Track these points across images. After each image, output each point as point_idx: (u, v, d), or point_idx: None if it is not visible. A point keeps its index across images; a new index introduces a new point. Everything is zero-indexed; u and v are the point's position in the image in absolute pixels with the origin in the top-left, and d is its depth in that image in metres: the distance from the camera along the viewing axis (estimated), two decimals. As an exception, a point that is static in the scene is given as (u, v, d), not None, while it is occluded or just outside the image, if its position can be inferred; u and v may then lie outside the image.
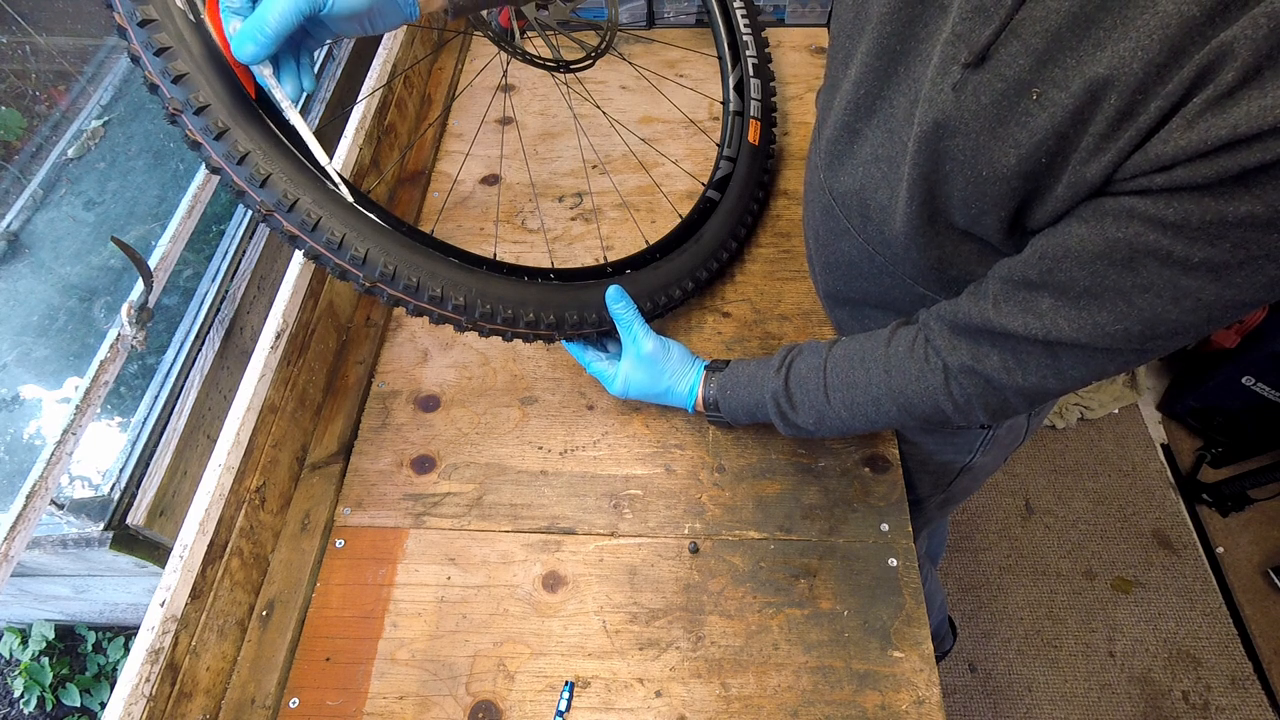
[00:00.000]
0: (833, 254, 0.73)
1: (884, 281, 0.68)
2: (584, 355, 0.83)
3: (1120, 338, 0.49)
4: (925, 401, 0.62)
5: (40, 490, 0.71)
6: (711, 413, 0.78)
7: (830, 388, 0.67)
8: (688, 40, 1.28)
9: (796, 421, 0.70)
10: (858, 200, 0.64)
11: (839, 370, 0.67)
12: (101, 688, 1.55)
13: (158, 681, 0.63)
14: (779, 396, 0.70)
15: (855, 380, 0.66)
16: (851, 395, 0.66)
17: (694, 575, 0.77)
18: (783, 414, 0.70)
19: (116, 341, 0.77)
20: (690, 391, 0.78)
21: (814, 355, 0.69)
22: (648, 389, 0.79)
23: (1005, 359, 0.56)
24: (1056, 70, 0.43)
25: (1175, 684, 1.51)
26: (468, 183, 1.11)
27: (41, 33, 1.15)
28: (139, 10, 0.62)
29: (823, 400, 0.68)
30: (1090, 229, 0.46)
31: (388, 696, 0.72)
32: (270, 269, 1.03)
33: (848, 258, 0.71)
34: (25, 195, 1.14)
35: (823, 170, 0.69)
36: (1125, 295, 0.47)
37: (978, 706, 1.51)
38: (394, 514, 0.82)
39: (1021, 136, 0.46)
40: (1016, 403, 0.59)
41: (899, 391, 0.63)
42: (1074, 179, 0.45)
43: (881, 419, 0.66)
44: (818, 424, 0.69)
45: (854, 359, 0.66)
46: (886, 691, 0.70)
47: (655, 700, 0.70)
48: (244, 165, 0.64)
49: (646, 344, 0.78)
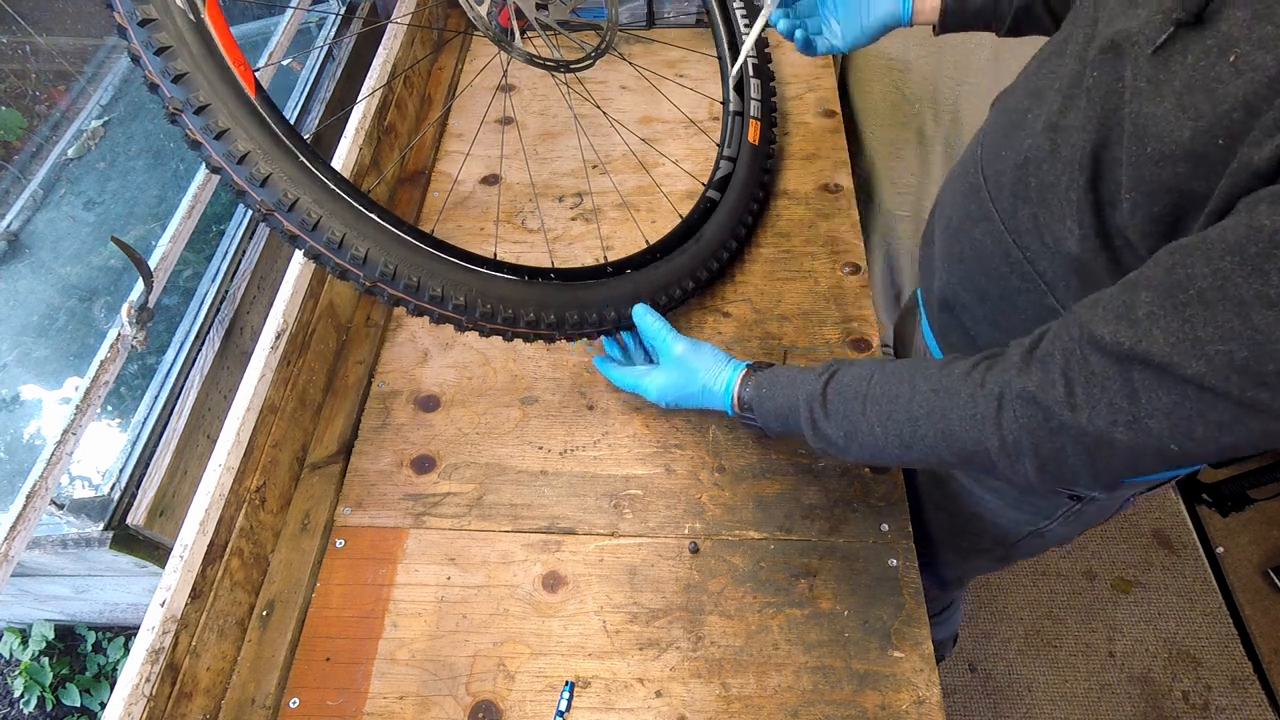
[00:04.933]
0: (964, 243, 0.66)
1: (1011, 282, 0.61)
2: (614, 374, 0.83)
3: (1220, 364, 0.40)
4: (969, 431, 0.53)
5: (40, 490, 0.70)
6: (746, 415, 0.72)
7: (869, 398, 0.60)
8: (688, 40, 1.28)
9: (826, 431, 0.63)
10: (1017, 176, 0.57)
11: (884, 383, 0.60)
12: (101, 688, 1.55)
13: (158, 681, 0.63)
14: (814, 401, 0.64)
15: (898, 394, 0.58)
16: (890, 410, 0.58)
17: (694, 575, 0.77)
18: (813, 420, 0.64)
19: (116, 341, 0.77)
20: (726, 389, 0.73)
21: (862, 367, 0.63)
22: (684, 389, 0.76)
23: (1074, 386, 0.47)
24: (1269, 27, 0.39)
25: (1175, 684, 1.51)
26: (468, 183, 1.11)
27: (41, 33, 1.15)
28: (139, 10, 0.62)
29: (858, 411, 0.61)
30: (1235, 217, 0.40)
31: (388, 696, 0.72)
32: (270, 269, 1.03)
33: (980, 248, 0.64)
34: (25, 195, 1.14)
35: (981, 145, 0.64)
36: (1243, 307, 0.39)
37: (978, 706, 1.51)
38: (394, 514, 0.82)
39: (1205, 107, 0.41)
40: (1073, 457, 0.48)
41: (942, 415, 0.55)
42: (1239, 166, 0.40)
43: (916, 445, 0.57)
44: (847, 438, 0.62)
45: (903, 374, 0.59)
46: (886, 691, 0.69)
47: (655, 700, 0.70)
48: (244, 165, 0.64)
49: (677, 346, 0.77)
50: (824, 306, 0.95)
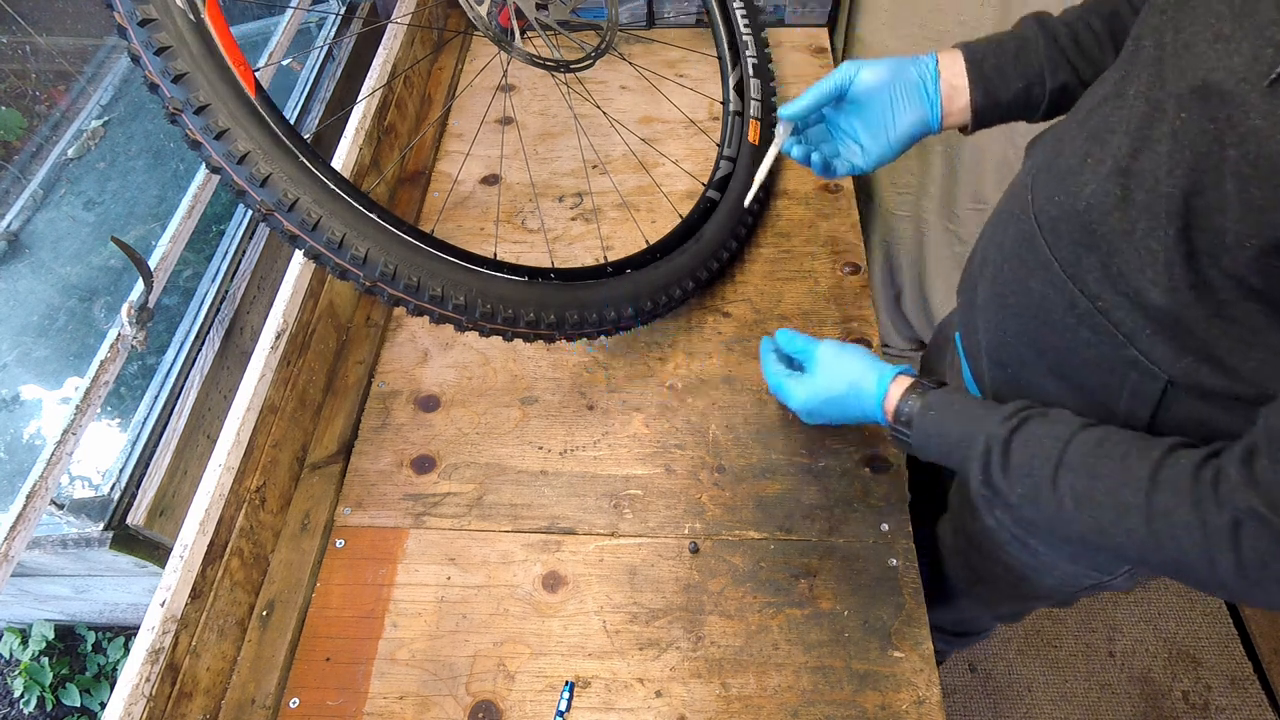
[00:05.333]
0: (1018, 293, 0.61)
1: (1080, 334, 0.56)
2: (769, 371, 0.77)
3: None
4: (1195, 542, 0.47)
5: (40, 490, 0.70)
6: (899, 429, 0.65)
7: (1065, 466, 0.53)
8: (688, 40, 1.28)
9: (999, 484, 0.57)
10: (1080, 224, 0.53)
11: (1086, 454, 0.53)
12: (101, 688, 1.55)
13: (158, 681, 0.63)
14: (994, 446, 0.57)
15: (1103, 472, 0.52)
16: (1090, 487, 0.52)
17: (694, 575, 0.77)
18: (987, 469, 0.57)
19: (116, 341, 0.77)
20: (879, 391, 0.66)
21: (1058, 424, 0.56)
22: (830, 392, 0.70)
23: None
24: None
25: (1175, 684, 1.51)
26: (468, 183, 1.11)
27: (41, 33, 1.15)
28: (139, 10, 0.62)
29: (1047, 477, 0.54)
30: None
31: (388, 696, 0.72)
32: (270, 269, 1.03)
33: (1038, 299, 0.58)
34: (25, 195, 1.14)
35: (1030, 190, 0.59)
36: None
37: (978, 706, 1.51)
38: (394, 514, 0.82)
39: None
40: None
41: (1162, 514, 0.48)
42: None
43: (1118, 535, 0.51)
44: (1025, 499, 0.56)
45: (1111, 448, 0.52)
46: (886, 691, 0.69)
47: (655, 700, 0.70)
48: (244, 165, 0.64)
49: (823, 348, 0.72)
50: (824, 306, 0.95)
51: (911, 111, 0.68)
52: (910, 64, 0.68)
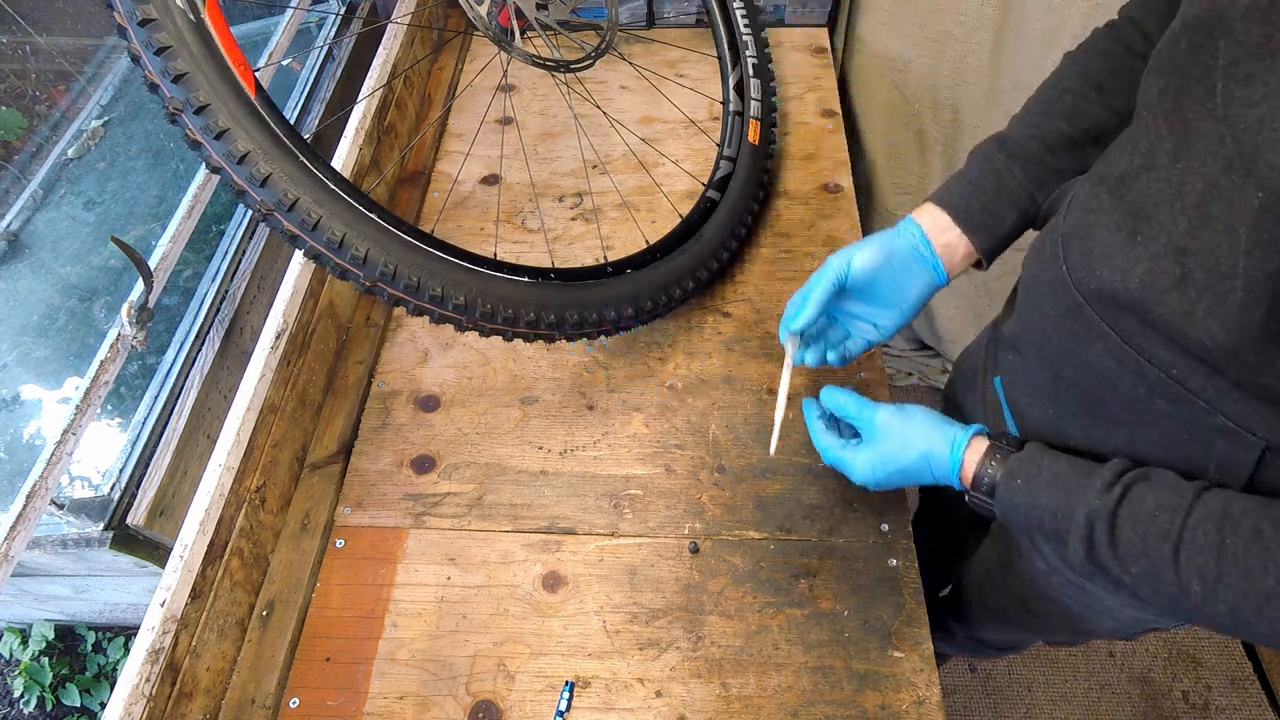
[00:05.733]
0: (1076, 367, 0.56)
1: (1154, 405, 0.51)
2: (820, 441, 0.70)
3: None
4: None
5: (40, 490, 0.70)
6: (979, 496, 0.60)
7: (1187, 545, 0.48)
8: (688, 40, 1.28)
9: (1108, 564, 0.52)
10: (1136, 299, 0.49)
11: (1209, 530, 0.47)
12: (101, 688, 1.55)
13: (158, 681, 0.63)
14: (1097, 521, 0.51)
15: (1235, 552, 0.46)
16: (1222, 572, 0.46)
17: (694, 575, 0.77)
18: (1092, 547, 0.52)
19: (116, 341, 0.77)
20: (955, 456, 0.61)
21: (1171, 493, 0.50)
22: (898, 461, 0.64)
23: None
24: None
25: (1175, 684, 1.51)
26: (468, 183, 1.11)
27: (41, 33, 1.15)
28: (139, 10, 0.62)
29: (1166, 559, 0.48)
30: None
31: (388, 696, 0.72)
32: (270, 269, 1.03)
33: (1100, 371, 0.54)
34: (25, 195, 1.14)
35: (1066, 263, 0.54)
36: None
37: (978, 706, 1.51)
38: (394, 514, 0.82)
39: None
40: None
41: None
42: None
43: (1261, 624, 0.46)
44: (1140, 580, 0.50)
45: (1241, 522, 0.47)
46: (886, 691, 0.69)
47: (655, 700, 0.70)
48: (244, 165, 0.64)
49: (881, 414, 0.66)
50: (824, 306, 0.94)
51: (917, 280, 0.67)
52: (895, 236, 0.67)
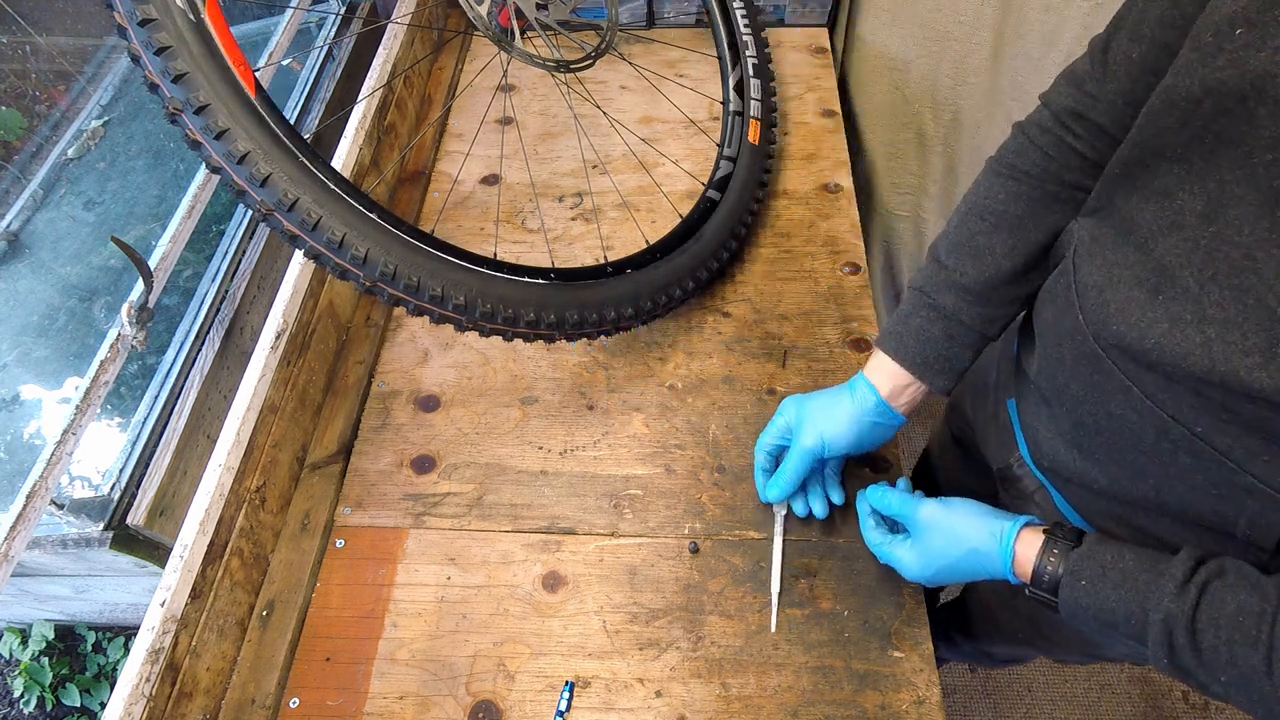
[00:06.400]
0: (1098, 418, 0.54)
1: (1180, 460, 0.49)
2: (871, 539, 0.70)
3: None
4: None
5: (40, 490, 0.70)
6: (1042, 596, 0.57)
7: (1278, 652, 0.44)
8: (688, 40, 1.28)
9: (1193, 670, 0.48)
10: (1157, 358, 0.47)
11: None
12: (101, 688, 1.55)
13: (158, 681, 0.63)
14: (1175, 627, 0.48)
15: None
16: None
17: (694, 575, 0.77)
18: (1172, 652, 0.48)
19: (116, 341, 0.77)
20: (1005, 554, 0.58)
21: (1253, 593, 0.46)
22: (946, 557, 0.62)
23: None
24: None
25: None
26: (468, 183, 1.11)
27: (41, 33, 1.15)
28: (139, 10, 0.62)
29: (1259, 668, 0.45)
30: None
31: (388, 696, 0.72)
32: (270, 269, 1.03)
33: (1123, 424, 0.52)
34: (25, 195, 1.14)
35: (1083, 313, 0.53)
36: None
37: (978, 706, 1.51)
38: (394, 514, 0.82)
39: None
40: None
41: None
42: None
43: None
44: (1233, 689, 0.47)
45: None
46: (886, 691, 0.69)
47: (655, 700, 0.70)
48: (244, 165, 0.64)
49: (925, 509, 0.64)
50: (824, 306, 0.95)
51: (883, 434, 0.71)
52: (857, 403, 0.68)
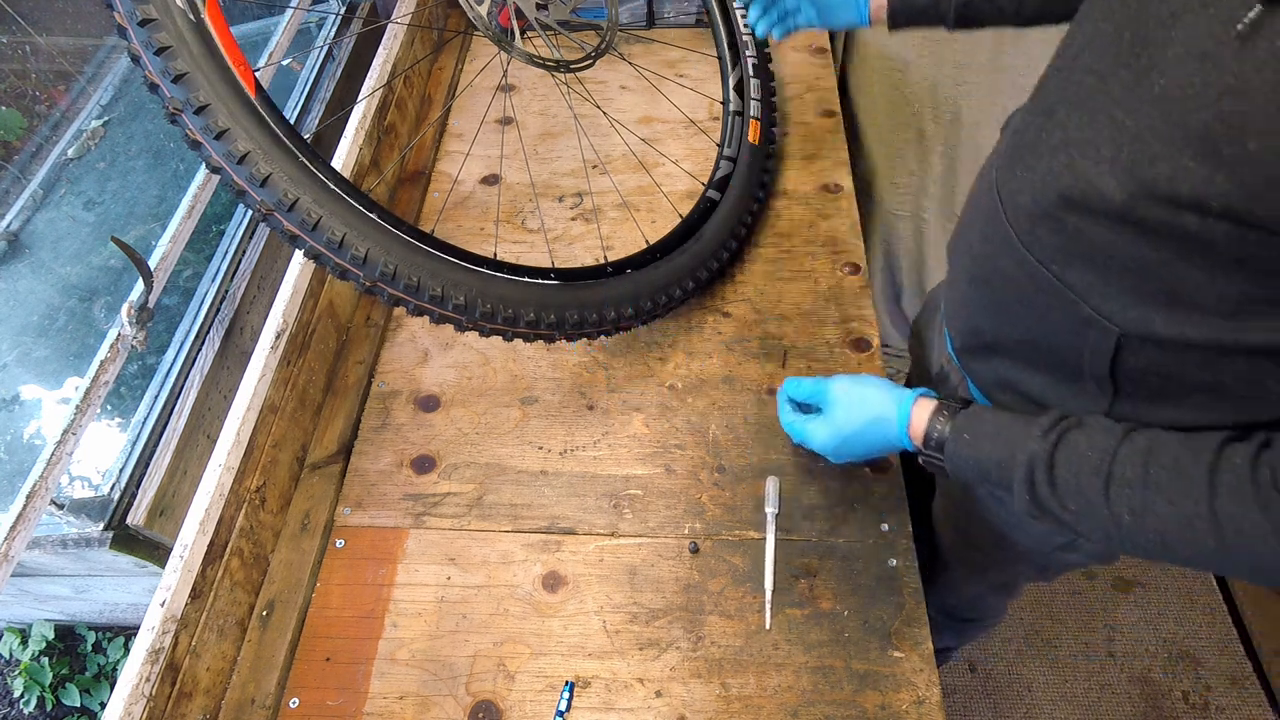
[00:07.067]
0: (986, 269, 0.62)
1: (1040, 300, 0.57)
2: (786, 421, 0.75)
3: None
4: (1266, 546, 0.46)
5: (40, 490, 0.70)
6: (930, 453, 0.64)
7: (1116, 479, 0.52)
8: (688, 40, 1.28)
9: (1049, 504, 0.56)
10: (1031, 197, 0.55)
11: (1136, 462, 0.51)
12: (101, 688, 1.55)
13: (158, 681, 0.63)
14: (1037, 464, 0.56)
15: (1158, 482, 0.50)
16: (1145, 500, 0.51)
17: (694, 575, 0.77)
18: (1033, 487, 0.56)
19: (116, 341, 0.77)
20: (902, 417, 0.65)
21: (1103, 434, 0.54)
22: (850, 426, 0.68)
23: None
24: None
25: (1175, 684, 1.51)
26: (468, 183, 1.11)
27: (41, 33, 1.15)
28: (139, 10, 0.62)
29: (1098, 492, 0.53)
30: None
31: (388, 696, 0.72)
32: (270, 269, 1.03)
33: (1002, 272, 0.60)
34: (25, 195, 1.14)
35: (995, 168, 0.61)
36: None
37: (978, 706, 1.51)
38: (394, 514, 0.82)
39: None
40: None
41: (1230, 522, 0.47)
42: None
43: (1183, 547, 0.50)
44: (1080, 517, 0.54)
45: (1161, 455, 0.51)
46: (886, 691, 0.69)
47: (655, 700, 0.70)
48: (244, 165, 0.64)
49: (837, 384, 0.70)
50: (824, 306, 0.95)
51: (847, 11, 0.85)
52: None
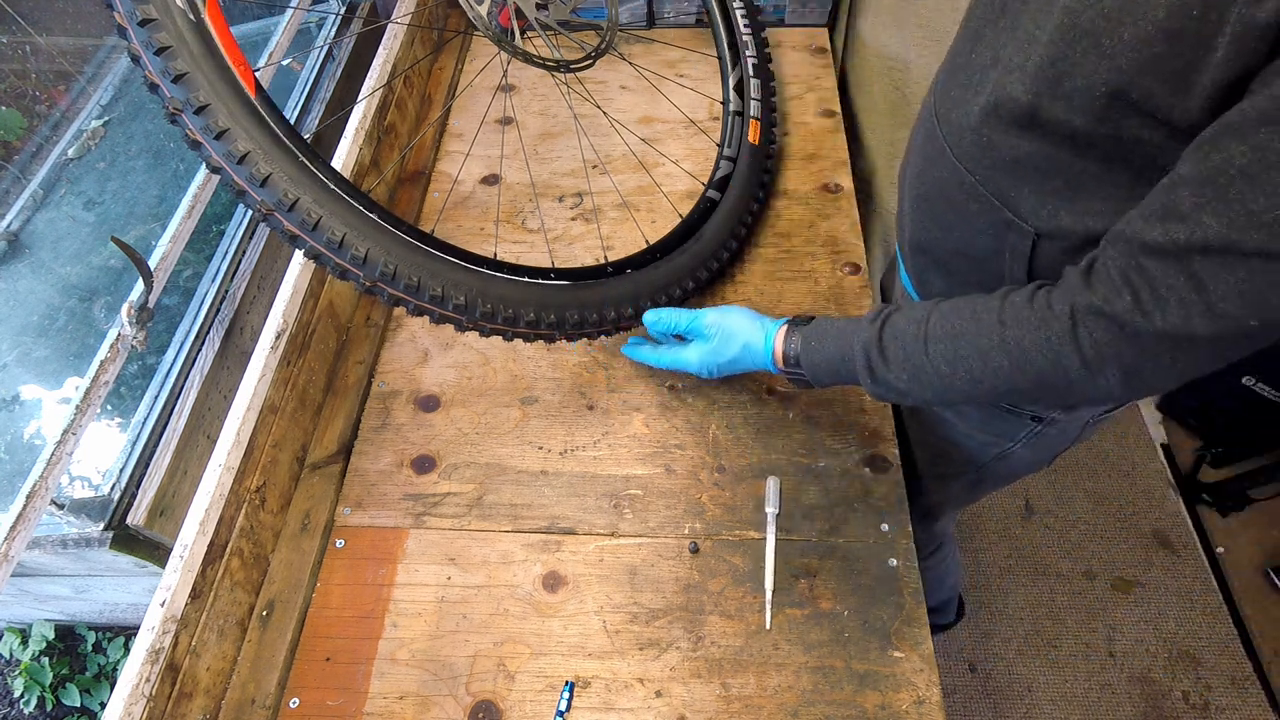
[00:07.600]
0: (927, 183, 0.69)
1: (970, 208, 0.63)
2: (650, 356, 0.84)
3: None
4: (1045, 355, 0.53)
5: (40, 490, 0.70)
6: (792, 370, 0.72)
7: (931, 339, 0.60)
8: (688, 40, 1.28)
9: (887, 378, 0.63)
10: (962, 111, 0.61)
11: (943, 321, 0.60)
12: (101, 688, 1.55)
13: (158, 681, 0.63)
14: (870, 348, 0.64)
15: (961, 330, 0.59)
16: (955, 347, 0.59)
17: (694, 575, 0.77)
18: (871, 368, 0.64)
19: (116, 341, 0.77)
20: (767, 344, 0.73)
21: (916, 309, 0.63)
22: (724, 353, 0.77)
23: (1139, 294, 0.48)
24: None
25: (1175, 684, 1.51)
26: (468, 183, 1.11)
27: (41, 33, 1.15)
28: (139, 10, 0.62)
29: (920, 353, 0.61)
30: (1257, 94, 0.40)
31: (388, 696, 0.72)
32: (270, 269, 1.03)
33: (939, 185, 0.66)
34: (25, 195, 1.14)
35: (934, 94, 0.67)
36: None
37: (978, 706, 1.51)
38: (394, 514, 0.82)
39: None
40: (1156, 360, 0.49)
41: (1015, 343, 0.55)
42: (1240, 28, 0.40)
43: (987, 378, 0.58)
44: (911, 380, 0.62)
45: (962, 310, 0.59)
46: (886, 691, 0.69)
47: (655, 700, 0.70)
48: (244, 165, 0.64)
49: (708, 316, 0.78)
50: (824, 306, 0.95)
51: None
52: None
